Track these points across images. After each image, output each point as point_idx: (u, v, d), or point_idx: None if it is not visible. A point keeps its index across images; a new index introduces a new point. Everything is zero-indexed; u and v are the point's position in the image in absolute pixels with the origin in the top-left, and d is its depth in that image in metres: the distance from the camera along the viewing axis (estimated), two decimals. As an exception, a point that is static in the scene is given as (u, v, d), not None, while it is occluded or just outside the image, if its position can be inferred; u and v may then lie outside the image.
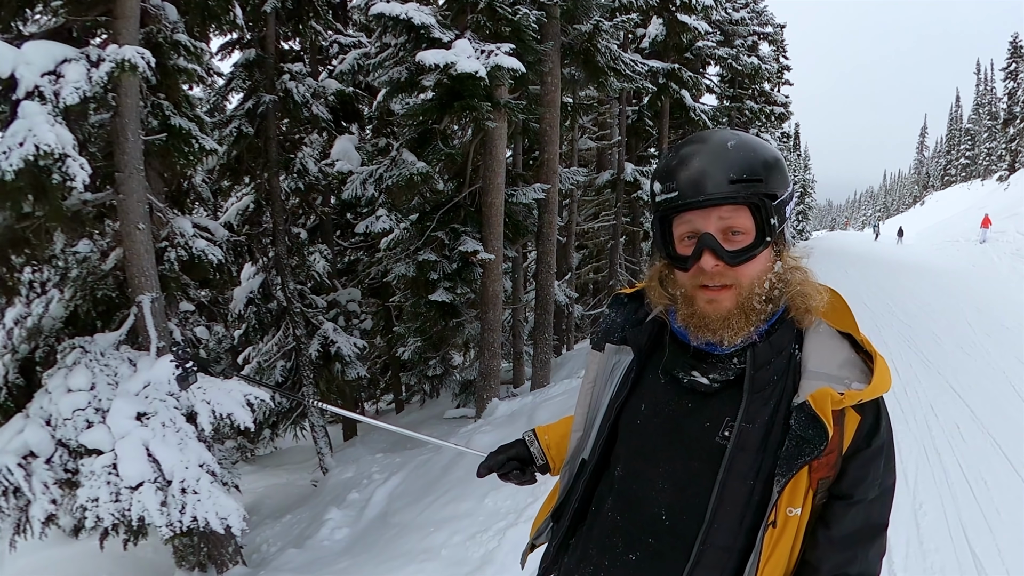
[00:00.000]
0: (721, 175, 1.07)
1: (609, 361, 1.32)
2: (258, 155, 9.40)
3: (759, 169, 1.09)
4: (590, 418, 1.34)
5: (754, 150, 1.10)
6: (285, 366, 9.95)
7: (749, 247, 1.09)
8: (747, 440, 1.09)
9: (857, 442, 1.09)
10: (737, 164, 1.08)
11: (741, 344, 1.13)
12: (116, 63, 4.40)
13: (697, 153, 1.10)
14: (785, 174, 1.14)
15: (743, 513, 1.10)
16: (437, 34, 6.47)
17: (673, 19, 12.55)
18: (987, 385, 7.22)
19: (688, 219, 1.11)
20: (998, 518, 4.32)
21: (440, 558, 4.34)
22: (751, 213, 1.09)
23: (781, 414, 1.10)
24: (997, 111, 51.79)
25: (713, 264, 1.09)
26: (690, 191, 1.08)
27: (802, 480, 1.07)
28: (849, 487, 1.10)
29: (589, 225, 14.83)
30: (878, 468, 1.11)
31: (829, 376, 1.09)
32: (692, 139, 1.15)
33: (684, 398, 1.18)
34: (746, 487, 1.09)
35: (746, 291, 1.11)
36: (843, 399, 1.04)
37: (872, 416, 1.10)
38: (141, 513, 4.69)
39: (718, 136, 1.12)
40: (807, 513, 1.09)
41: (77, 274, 6.03)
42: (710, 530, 1.10)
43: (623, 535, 1.21)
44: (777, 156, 1.13)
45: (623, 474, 1.24)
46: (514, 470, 1.54)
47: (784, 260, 1.15)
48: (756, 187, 1.08)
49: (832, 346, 1.13)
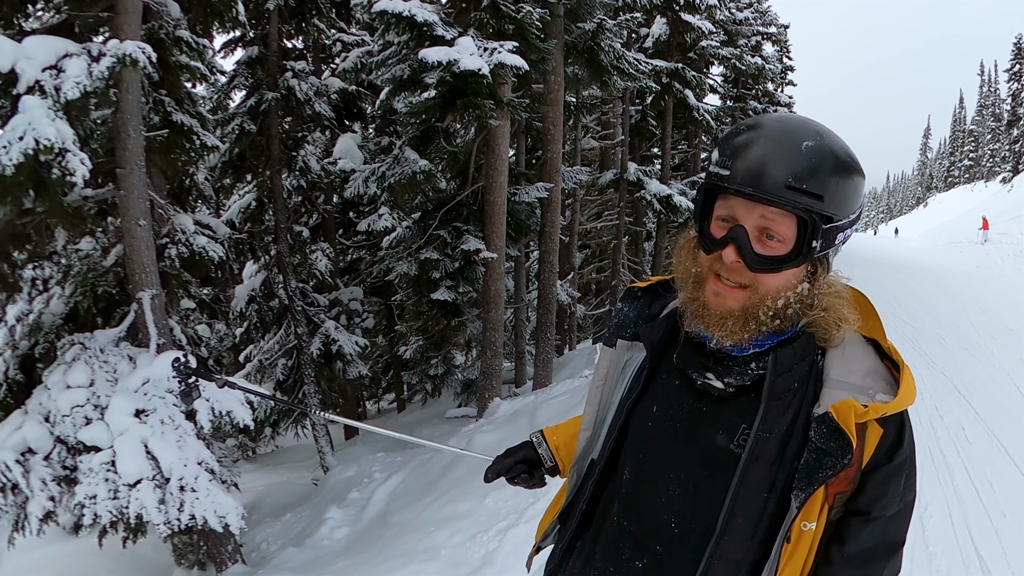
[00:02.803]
0: (781, 174, 0.97)
1: (621, 358, 1.26)
2: (260, 153, 9.39)
3: (825, 184, 0.98)
4: (600, 417, 1.28)
5: (829, 161, 0.99)
6: (287, 364, 9.93)
7: (777, 259, 1.01)
8: (763, 450, 1.04)
9: (878, 457, 1.02)
10: (803, 170, 0.97)
11: (760, 348, 1.07)
12: (117, 58, 4.38)
13: (768, 140, 1.00)
14: (855, 198, 1.03)
15: (755, 526, 1.05)
16: (440, 32, 6.44)
17: (677, 18, 12.53)
18: (992, 387, 7.18)
19: (731, 204, 1.03)
20: (1004, 521, 4.28)
21: (440, 558, 4.31)
22: (797, 224, 1.00)
23: (800, 424, 1.04)
24: (1001, 113, 51.71)
25: (733, 259, 1.02)
26: (742, 178, 0.99)
27: (818, 494, 1.01)
28: (867, 504, 1.04)
29: (592, 225, 14.80)
30: (898, 485, 1.05)
31: (853, 386, 1.03)
32: (773, 119, 1.04)
33: (698, 401, 1.12)
34: (760, 499, 1.04)
35: (758, 299, 1.04)
36: (867, 412, 0.98)
37: (895, 430, 1.04)
38: (139, 511, 4.68)
39: (801, 129, 1.01)
40: (821, 527, 1.04)
41: (78, 270, 6.01)
42: (720, 542, 1.05)
43: (630, 541, 1.16)
44: (852, 175, 1.02)
45: (631, 478, 1.18)
46: (522, 473, 1.49)
47: (816, 284, 1.06)
48: (813, 203, 0.98)
49: (857, 353, 1.07)
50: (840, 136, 1.04)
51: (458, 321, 8.52)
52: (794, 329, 1.08)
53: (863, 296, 1.13)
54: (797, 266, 1.03)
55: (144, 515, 4.67)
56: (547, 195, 8.50)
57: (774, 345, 1.07)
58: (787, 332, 1.08)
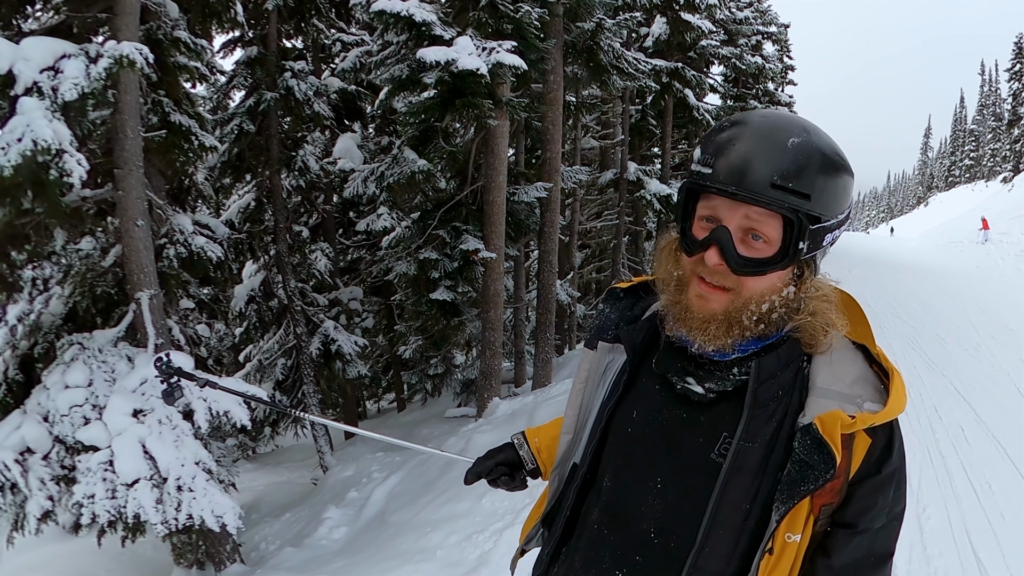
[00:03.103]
0: (765, 173, 0.93)
1: (602, 360, 1.22)
2: (260, 153, 9.39)
3: (812, 182, 0.94)
4: (581, 420, 1.25)
5: (816, 159, 0.95)
6: (286, 364, 9.94)
7: (762, 261, 0.97)
8: (745, 460, 1.00)
9: (866, 467, 0.99)
10: (788, 168, 0.93)
11: (743, 352, 1.03)
12: (114, 59, 4.38)
13: (751, 136, 0.95)
14: (843, 198, 0.99)
15: (737, 538, 1.02)
16: (439, 31, 6.44)
17: (677, 18, 12.51)
18: (992, 387, 7.16)
19: (714, 203, 0.98)
20: (1002, 522, 4.28)
21: (436, 559, 4.31)
22: (783, 225, 0.95)
23: (784, 433, 1.00)
24: (1001, 112, 51.65)
25: (716, 262, 0.97)
26: (725, 176, 0.94)
27: (803, 505, 0.97)
28: (854, 516, 1.01)
29: (592, 224, 14.80)
30: (887, 497, 1.01)
31: (840, 394, 0.99)
32: (757, 115, 1.00)
33: (678, 407, 1.08)
34: (742, 511, 1.01)
35: (741, 302, 0.99)
36: (854, 423, 0.94)
37: (884, 439, 1.00)
38: (137, 510, 4.68)
39: (786, 126, 0.96)
40: (807, 539, 1.00)
41: (77, 270, 6.02)
42: (701, 553, 1.02)
43: (610, 550, 1.13)
44: (840, 174, 0.97)
45: (611, 485, 1.15)
46: (503, 476, 1.46)
47: (802, 287, 1.02)
48: (799, 202, 0.93)
49: (844, 359, 1.03)
50: (828, 133, 1.00)
51: (457, 321, 8.52)
52: (779, 334, 1.04)
53: (852, 299, 1.09)
54: (783, 268, 0.98)
55: (142, 515, 4.68)
56: (546, 195, 8.50)
57: (758, 350, 1.03)
58: (772, 337, 1.04)
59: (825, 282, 1.07)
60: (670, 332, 1.08)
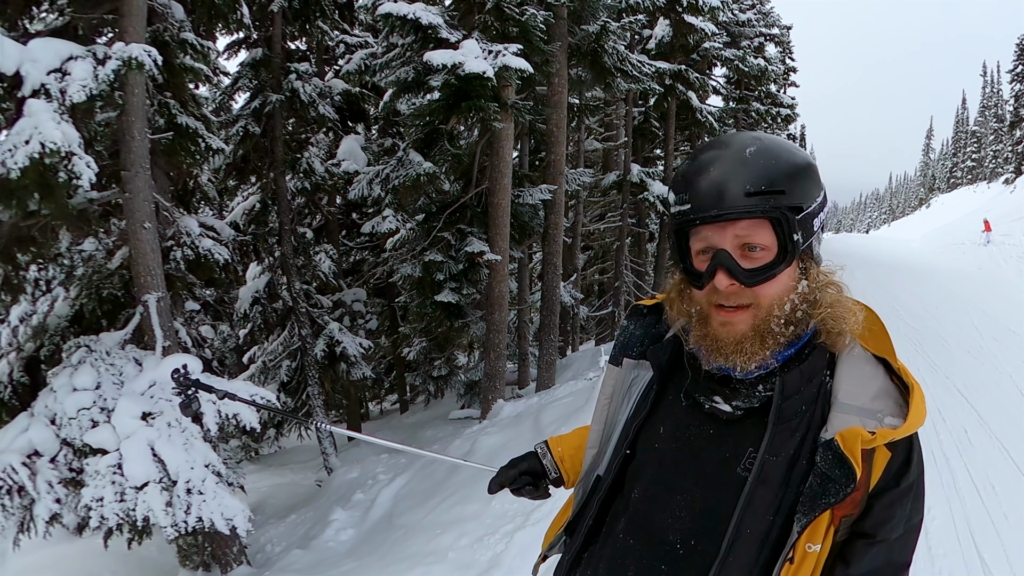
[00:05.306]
0: (737, 187, 0.98)
1: (627, 377, 1.25)
2: (264, 155, 9.41)
3: (780, 179, 1.00)
4: (606, 435, 1.28)
5: (776, 157, 1.01)
6: (290, 366, 9.96)
7: (768, 266, 1.01)
8: (769, 474, 1.03)
9: (886, 480, 1.01)
10: (755, 174, 0.99)
11: (765, 370, 1.06)
12: (123, 61, 4.39)
13: (713, 161, 1.02)
14: (814, 182, 1.04)
15: (760, 548, 1.05)
16: (444, 34, 6.45)
17: (680, 20, 12.54)
18: (995, 389, 7.17)
19: (704, 234, 1.04)
20: (1006, 523, 4.28)
21: (447, 561, 4.31)
22: (772, 228, 1.00)
23: (807, 448, 1.03)
24: (1003, 114, 51.59)
25: (728, 283, 1.01)
26: (703, 205, 1.00)
27: (824, 517, 1.00)
28: (873, 527, 1.03)
29: (595, 226, 14.83)
30: (905, 508, 1.04)
31: (861, 409, 1.02)
32: (711, 144, 1.07)
33: (705, 424, 1.12)
34: (765, 523, 1.04)
35: (764, 313, 1.03)
36: (874, 439, 0.97)
37: (904, 453, 1.03)
38: (146, 513, 4.68)
39: (737, 141, 1.03)
40: (827, 549, 1.03)
41: (83, 273, 6.03)
42: (724, 563, 1.05)
43: (635, 559, 1.16)
44: (803, 162, 1.04)
45: (639, 497, 1.18)
46: (527, 485, 1.48)
47: (812, 278, 1.06)
48: (777, 199, 0.99)
49: (866, 373, 1.06)
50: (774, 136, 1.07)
51: (462, 323, 8.54)
52: (809, 333, 1.07)
53: (873, 314, 1.13)
54: (788, 265, 1.02)
55: (151, 518, 4.68)
56: (551, 197, 8.51)
57: (780, 366, 1.06)
58: (804, 337, 1.07)
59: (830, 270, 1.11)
60: (707, 365, 1.10)
